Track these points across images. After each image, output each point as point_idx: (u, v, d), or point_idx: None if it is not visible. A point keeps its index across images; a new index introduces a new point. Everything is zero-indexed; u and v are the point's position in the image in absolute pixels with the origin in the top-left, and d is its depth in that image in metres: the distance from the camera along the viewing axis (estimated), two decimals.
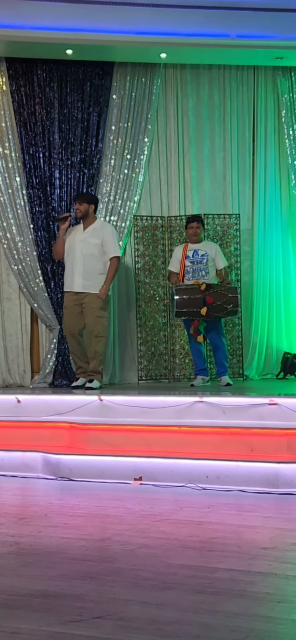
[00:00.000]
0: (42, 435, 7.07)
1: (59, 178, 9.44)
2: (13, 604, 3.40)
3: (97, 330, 8.51)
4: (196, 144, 9.85)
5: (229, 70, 9.85)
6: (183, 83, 9.83)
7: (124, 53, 9.31)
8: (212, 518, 5.07)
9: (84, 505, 5.53)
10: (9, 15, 8.63)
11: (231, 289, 8.55)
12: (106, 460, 6.42)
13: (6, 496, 6.12)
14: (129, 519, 5.06)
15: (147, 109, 9.64)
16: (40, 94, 9.42)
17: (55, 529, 4.83)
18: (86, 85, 9.50)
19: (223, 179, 9.88)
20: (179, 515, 5.18)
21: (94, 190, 9.46)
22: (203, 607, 3.31)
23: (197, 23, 8.90)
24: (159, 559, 4.11)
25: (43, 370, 9.42)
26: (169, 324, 9.49)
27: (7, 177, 9.37)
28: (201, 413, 6.97)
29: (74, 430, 6.99)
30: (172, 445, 6.57)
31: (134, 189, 9.60)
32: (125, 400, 7.34)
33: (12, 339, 9.52)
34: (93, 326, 8.53)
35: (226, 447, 6.42)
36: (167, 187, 9.81)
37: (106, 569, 3.96)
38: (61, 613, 3.25)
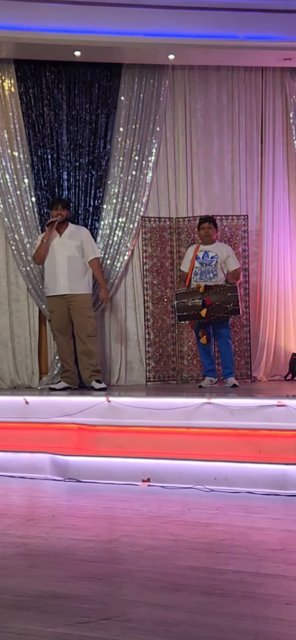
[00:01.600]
0: (50, 437, 7.08)
1: (67, 180, 9.45)
2: (21, 605, 3.40)
3: (89, 329, 8.74)
4: (204, 145, 9.84)
5: (237, 71, 9.84)
6: (191, 84, 9.83)
7: (132, 54, 9.31)
8: (220, 520, 5.06)
9: (92, 507, 5.53)
10: (17, 18, 8.64)
11: (231, 287, 8.48)
12: (114, 462, 6.42)
13: (14, 497, 6.13)
14: (137, 521, 5.06)
15: (155, 111, 9.63)
16: (49, 96, 9.43)
17: (63, 530, 4.83)
18: (94, 87, 9.50)
19: (231, 180, 9.87)
20: (187, 516, 5.18)
21: (102, 191, 9.47)
22: (211, 608, 3.31)
23: (205, 24, 8.89)
24: (167, 560, 4.11)
25: (51, 371, 9.43)
26: (177, 325, 9.48)
27: (16, 179, 9.38)
28: (209, 414, 6.96)
29: (82, 431, 6.99)
30: (180, 446, 6.57)
31: (142, 190, 9.59)
32: (133, 401, 7.34)
33: (20, 340, 9.53)
34: (84, 326, 8.75)
35: (234, 448, 6.41)
36: (175, 189, 9.81)
37: (114, 570, 3.96)
38: (69, 614, 3.25)
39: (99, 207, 9.48)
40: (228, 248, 8.93)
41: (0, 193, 9.35)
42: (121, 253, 9.53)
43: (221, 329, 8.65)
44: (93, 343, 8.81)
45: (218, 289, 8.45)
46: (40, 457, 6.67)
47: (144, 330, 9.48)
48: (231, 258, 8.80)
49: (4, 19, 8.62)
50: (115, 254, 9.50)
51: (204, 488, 5.89)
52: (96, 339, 8.93)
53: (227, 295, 8.39)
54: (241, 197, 9.84)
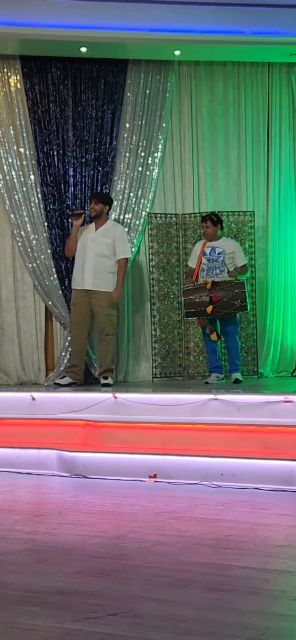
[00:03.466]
0: (57, 433, 7.09)
1: (73, 176, 9.45)
2: (28, 601, 3.41)
3: (108, 328, 8.69)
4: (210, 141, 9.82)
5: (243, 67, 9.82)
6: (197, 80, 9.81)
7: (138, 50, 9.30)
8: (227, 516, 5.07)
9: (99, 503, 5.54)
10: (23, 14, 8.63)
11: (238, 284, 8.43)
12: (120, 458, 6.43)
13: (21, 493, 6.15)
14: (144, 517, 5.06)
15: (161, 107, 9.62)
16: (55, 92, 9.42)
17: (70, 526, 4.84)
18: (100, 83, 9.50)
19: (237, 176, 9.86)
20: (194, 512, 5.18)
21: (108, 188, 9.46)
22: (218, 604, 3.31)
23: (211, 20, 8.88)
24: (174, 556, 4.11)
25: (57, 367, 9.44)
26: (183, 321, 9.47)
27: (22, 175, 9.38)
28: (215, 410, 6.97)
29: (89, 427, 7.00)
30: (186, 442, 6.57)
31: (148, 187, 9.59)
32: (139, 397, 7.35)
33: (26, 336, 9.54)
34: (104, 324, 8.70)
35: (241, 444, 6.42)
36: (181, 185, 9.80)
37: (121, 566, 3.97)
38: (76, 610, 3.26)
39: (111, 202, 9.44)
40: (234, 244, 8.91)
41: (7, 189, 9.36)
42: None
43: (229, 326, 8.63)
44: (109, 342, 8.76)
45: (225, 285, 8.42)
46: (47, 453, 6.68)
47: (151, 327, 9.48)
48: (238, 254, 8.78)
49: (9, 15, 8.62)
50: None
51: (211, 484, 5.89)
52: (114, 337, 8.90)
53: (234, 292, 8.36)
54: (247, 193, 9.83)
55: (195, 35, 8.96)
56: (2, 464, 6.75)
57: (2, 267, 9.52)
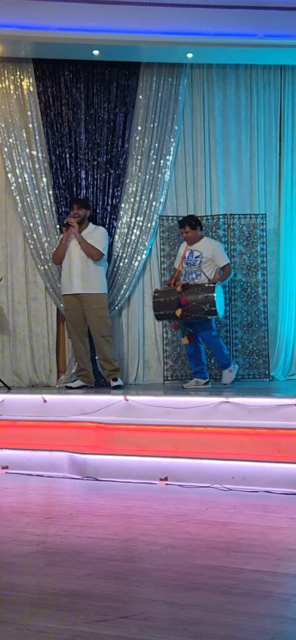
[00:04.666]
0: (68, 435, 7.10)
1: (85, 179, 9.46)
2: (39, 603, 3.41)
3: (102, 330, 8.75)
4: (222, 143, 9.82)
5: (256, 69, 9.81)
6: (210, 83, 9.80)
7: (150, 53, 9.31)
8: (238, 519, 5.06)
9: (110, 505, 5.54)
10: (36, 17, 8.65)
11: (208, 287, 8.22)
12: (131, 460, 6.43)
13: (32, 495, 6.15)
14: (154, 519, 5.06)
15: (173, 109, 9.62)
16: (67, 95, 9.45)
17: (81, 528, 4.84)
18: (113, 86, 9.51)
19: (249, 179, 9.84)
20: (205, 515, 5.18)
21: (120, 190, 9.48)
22: (229, 608, 3.30)
23: (224, 22, 8.87)
24: (185, 559, 4.11)
25: (69, 370, 9.45)
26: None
27: (34, 178, 9.41)
28: (226, 413, 6.96)
29: (100, 430, 7.01)
30: (198, 445, 6.56)
31: (160, 189, 9.59)
32: (151, 400, 7.35)
33: (38, 339, 9.56)
34: (97, 326, 8.80)
35: (252, 447, 6.40)
36: (193, 187, 9.79)
37: (132, 568, 3.97)
38: (87, 612, 3.26)
39: (117, 206, 9.49)
40: (214, 245, 8.77)
41: (19, 192, 9.39)
42: (138, 252, 9.53)
43: (202, 331, 8.51)
44: (106, 343, 8.81)
45: (195, 289, 8.27)
46: (58, 456, 6.69)
47: (162, 329, 9.48)
48: (219, 254, 8.62)
49: (22, 18, 8.64)
50: (133, 253, 9.51)
51: (222, 487, 5.89)
52: (110, 338, 8.94)
53: (203, 296, 8.19)
54: (259, 195, 9.81)
55: (207, 37, 8.95)
56: (14, 465, 6.76)
57: (14, 270, 9.55)
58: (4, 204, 9.56)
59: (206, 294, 8.19)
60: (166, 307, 8.32)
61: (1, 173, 9.50)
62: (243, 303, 9.41)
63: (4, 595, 3.55)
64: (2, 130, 9.41)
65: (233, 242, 9.37)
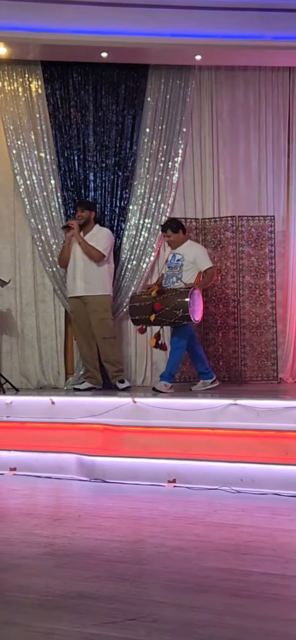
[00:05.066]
0: (76, 437, 7.10)
1: (93, 181, 9.47)
2: (48, 605, 3.41)
3: (104, 332, 8.73)
4: (230, 146, 9.81)
5: (264, 71, 9.80)
6: (218, 85, 9.80)
7: (158, 55, 9.30)
8: (246, 521, 5.05)
9: (118, 507, 5.53)
10: (44, 19, 8.66)
11: (182, 292, 7.97)
12: (139, 462, 6.42)
13: (40, 497, 6.15)
14: (163, 521, 5.06)
15: (181, 111, 9.62)
16: (75, 97, 9.46)
17: (89, 530, 4.84)
18: (121, 88, 9.52)
19: (257, 181, 9.83)
20: (213, 518, 5.17)
21: (128, 192, 9.48)
22: (237, 610, 3.30)
23: (232, 24, 8.86)
24: (193, 561, 4.10)
25: (77, 372, 9.46)
26: (203, 326, 9.45)
27: (42, 180, 9.42)
28: (235, 416, 6.94)
29: (108, 432, 7.00)
30: (206, 447, 6.55)
31: (168, 191, 9.59)
32: (159, 402, 7.35)
33: (46, 340, 9.57)
34: (99, 328, 8.78)
35: (261, 450, 6.39)
36: (201, 189, 9.79)
37: (140, 570, 3.96)
38: (95, 614, 3.26)
39: (125, 208, 9.49)
40: (197, 248, 8.60)
41: (27, 194, 9.40)
42: (146, 254, 9.53)
43: (173, 337, 8.39)
44: (109, 345, 8.79)
45: (170, 294, 8.06)
46: (66, 457, 6.69)
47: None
48: (201, 258, 8.42)
49: (31, 20, 8.65)
50: (141, 255, 9.51)
51: (230, 489, 5.88)
52: (112, 340, 8.89)
53: (177, 301, 7.95)
54: (267, 197, 9.80)
55: (216, 40, 8.95)
56: (22, 467, 6.76)
57: (22, 272, 9.56)
58: (13, 206, 9.57)
59: (180, 299, 7.95)
60: (141, 312, 8.15)
61: (10, 175, 9.51)
62: (251, 305, 9.39)
63: (12, 596, 3.55)
64: (10, 133, 9.42)
65: (241, 244, 9.35)
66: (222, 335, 9.40)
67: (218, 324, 9.42)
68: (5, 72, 9.43)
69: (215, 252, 9.40)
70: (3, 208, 9.59)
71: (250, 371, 9.32)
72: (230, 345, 9.36)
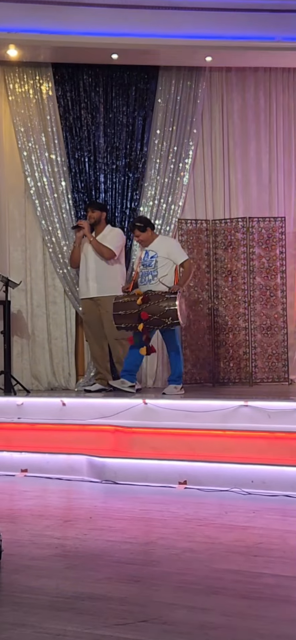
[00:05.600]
0: (87, 438, 7.10)
1: (104, 182, 9.49)
2: (58, 606, 3.41)
3: (116, 333, 8.66)
4: (241, 146, 9.81)
5: (275, 72, 9.79)
6: (229, 86, 9.80)
7: (169, 57, 9.31)
8: (257, 523, 5.04)
9: (129, 509, 5.53)
10: (55, 21, 8.69)
11: (170, 299, 7.76)
12: (150, 464, 6.42)
13: (51, 498, 6.16)
14: (173, 523, 5.05)
15: (192, 113, 9.62)
16: (86, 99, 9.48)
17: (100, 531, 4.84)
18: (131, 90, 9.53)
19: (268, 182, 9.82)
20: (224, 519, 5.16)
21: (138, 194, 9.49)
22: (248, 612, 3.29)
23: (242, 25, 8.86)
24: (204, 563, 4.10)
25: (88, 373, 9.47)
26: (213, 327, 9.45)
27: (53, 182, 9.44)
28: (246, 417, 6.93)
29: (119, 433, 7.00)
30: (216, 449, 6.55)
31: (178, 193, 9.59)
32: (169, 404, 7.34)
33: (57, 342, 9.59)
34: (111, 329, 8.69)
35: (272, 451, 6.38)
36: (212, 191, 9.79)
37: (151, 572, 3.96)
38: (106, 616, 3.26)
39: (136, 210, 9.49)
40: (170, 242, 8.49)
41: (38, 196, 9.42)
42: None
43: (166, 339, 8.25)
44: (121, 346, 8.76)
45: (156, 300, 7.83)
46: (77, 459, 6.70)
47: (181, 333, 9.46)
48: (176, 251, 8.24)
49: (42, 23, 8.68)
50: None
51: (241, 491, 5.87)
52: (125, 341, 8.87)
53: (165, 310, 7.77)
54: (278, 198, 9.79)
55: (226, 41, 8.96)
56: (33, 469, 6.77)
57: (33, 273, 9.58)
58: (23, 208, 9.60)
59: (168, 307, 7.77)
60: (127, 320, 7.97)
61: (20, 177, 9.54)
62: (262, 306, 9.38)
63: (23, 598, 3.55)
64: (21, 135, 9.45)
65: (252, 245, 9.34)
66: (233, 336, 9.40)
67: (229, 325, 9.41)
68: (16, 74, 9.46)
69: (226, 254, 9.40)
70: (14, 210, 9.61)
71: (260, 372, 9.31)
72: (241, 346, 9.35)
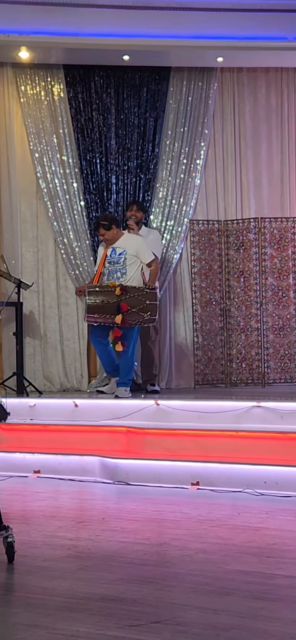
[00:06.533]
0: (99, 440, 7.11)
1: (115, 183, 9.49)
2: (72, 607, 3.42)
3: (152, 334, 8.66)
4: (253, 147, 9.79)
5: (286, 72, 9.77)
6: (240, 86, 9.79)
7: (180, 57, 9.31)
8: (270, 524, 5.03)
9: (141, 510, 5.53)
10: (66, 23, 8.70)
11: (151, 294, 7.63)
12: (162, 465, 6.43)
13: (64, 500, 6.17)
14: (186, 524, 5.05)
15: (203, 113, 9.61)
16: (97, 100, 9.48)
17: (113, 533, 4.84)
18: (143, 91, 9.53)
19: (280, 182, 9.80)
20: (237, 520, 5.15)
21: (150, 195, 9.49)
22: (261, 613, 3.28)
23: (253, 26, 8.85)
24: (217, 564, 4.09)
25: (100, 374, 9.47)
26: (225, 328, 9.44)
27: (65, 183, 9.45)
28: (258, 418, 6.93)
29: (131, 434, 7.01)
30: (229, 450, 6.54)
31: (190, 193, 9.58)
32: (182, 404, 7.34)
33: (69, 343, 9.59)
34: (147, 331, 8.64)
35: (285, 452, 6.36)
36: (223, 191, 9.77)
37: (164, 573, 3.96)
38: (119, 617, 3.26)
39: (148, 211, 9.48)
40: (137, 240, 8.21)
41: (50, 197, 9.43)
42: (169, 256, 9.53)
43: (126, 335, 7.82)
44: (154, 348, 8.75)
45: (135, 293, 7.63)
46: (89, 460, 6.70)
47: (193, 334, 9.46)
48: (143, 250, 8.00)
49: (53, 25, 8.69)
50: (164, 257, 9.50)
51: (254, 492, 5.86)
52: (155, 343, 8.90)
53: (145, 303, 7.59)
54: (290, 199, 9.77)
55: (238, 41, 8.95)
56: (45, 470, 6.79)
57: (45, 275, 9.59)
58: (35, 209, 9.61)
59: (149, 302, 7.59)
60: (104, 310, 7.61)
61: (32, 179, 9.55)
62: (274, 307, 9.36)
63: (36, 599, 3.56)
64: (33, 136, 9.46)
65: (264, 245, 9.32)
66: (245, 337, 9.38)
67: (241, 326, 9.39)
68: (27, 76, 9.47)
69: (238, 254, 9.38)
70: (26, 211, 9.63)
71: (273, 373, 9.29)
72: (253, 347, 9.33)
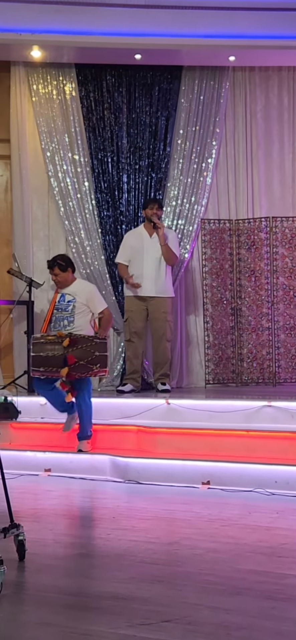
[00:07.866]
0: (110, 438, 7.12)
1: (127, 182, 9.49)
2: (83, 606, 3.42)
3: (168, 334, 8.62)
4: (264, 146, 9.77)
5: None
6: (252, 85, 9.77)
7: (192, 57, 9.30)
8: (281, 524, 5.02)
9: (152, 509, 5.54)
10: (78, 22, 8.70)
11: (99, 344, 7.04)
12: (173, 464, 6.43)
13: (75, 498, 6.18)
14: (197, 523, 5.05)
15: (215, 113, 9.60)
16: (109, 99, 9.48)
17: (123, 531, 4.85)
18: (155, 90, 9.53)
19: (292, 182, 9.78)
20: (248, 520, 5.15)
21: (161, 194, 9.48)
22: (273, 613, 3.28)
23: (266, 25, 8.82)
24: (228, 563, 4.09)
25: (111, 373, 9.46)
26: (236, 327, 9.43)
27: (76, 182, 9.45)
28: (269, 417, 6.93)
29: (142, 433, 7.02)
30: (240, 449, 6.55)
31: (201, 193, 9.57)
32: (192, 404, 7.34)
33: None
34: (164, 330, 8.61)
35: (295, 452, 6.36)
36: (235, 190, 9.76)
37: (175, 572, 3.96)
38: (130, 616, 3.26)
39: None
40: (89, 287, 7.72)
41: (61, 196, 9.44)
42: (180, 255, 9.51)
43: (82, 386, 7.17)
44: (168, 348, 8.72)
45: (83, 344, 7.00)
46: (100, 459, 6.72)
47: (204, 333, 9.46)
48: (94, 299, 7.50)
49: (65, 23, 8.70)
50: None
51: (264, 491, 5.85)
52: (171, 343, 8.88)
53: (94, 355, 6.98)
54: None
55: (250, 40, 8.93)
56: (56, 468, 6.80)
57: None
58: (47, 208, 9.62)
59: (98, 353, 6.99)
60: (49, 363, 6.97)
61: (44, 177, 9.56)
62: (285, 306, 9.34)
63: (47, 597, 3.57)
64: (45, 135, 9.48)
65: (275, 245, 9.31)
66: (256, 336, 9.36)
67: (252, 325, 9.38)
68: (39, 75, 9.48)
69: (249, 254, 9.37)
70: (37, 210, 9.64)
71: (284, 373, 9.27)
72: (264, 347, 9.31)
